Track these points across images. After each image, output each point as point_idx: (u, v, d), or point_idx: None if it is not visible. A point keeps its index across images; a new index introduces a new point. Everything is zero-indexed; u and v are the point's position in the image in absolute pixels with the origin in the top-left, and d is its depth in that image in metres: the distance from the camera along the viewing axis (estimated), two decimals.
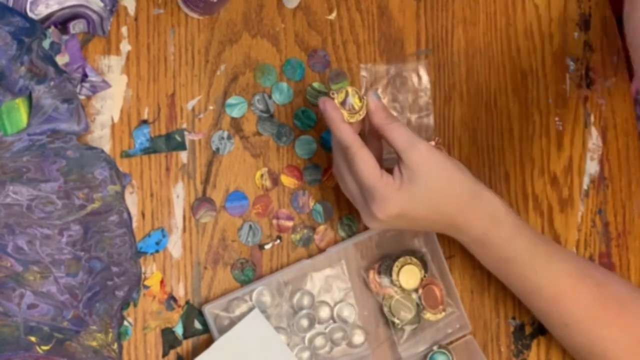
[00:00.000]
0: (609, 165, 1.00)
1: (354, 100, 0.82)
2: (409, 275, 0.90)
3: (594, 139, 1.00)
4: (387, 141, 0.82)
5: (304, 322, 0.88)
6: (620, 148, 1.00)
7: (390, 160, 0.88)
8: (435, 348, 0.90)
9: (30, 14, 0.84)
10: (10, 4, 0.83)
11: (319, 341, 0.88)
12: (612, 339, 0.85)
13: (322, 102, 0.81)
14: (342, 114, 0.82)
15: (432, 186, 0.80)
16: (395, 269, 0.89)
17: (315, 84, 0.93)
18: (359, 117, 0.82)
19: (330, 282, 0.90)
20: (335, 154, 0.85)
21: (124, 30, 0.88)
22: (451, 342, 0.92)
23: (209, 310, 0.86)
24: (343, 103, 0.82)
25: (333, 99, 0.82)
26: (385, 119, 0.81)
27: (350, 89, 0.82)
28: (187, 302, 0.87)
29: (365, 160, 0.80)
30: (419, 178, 0.80)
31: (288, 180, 0.91)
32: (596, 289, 0.85)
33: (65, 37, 0.86)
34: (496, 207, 0.83)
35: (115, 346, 0.82)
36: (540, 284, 0.85)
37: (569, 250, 0.88)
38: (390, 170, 0.82)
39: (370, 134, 0.85)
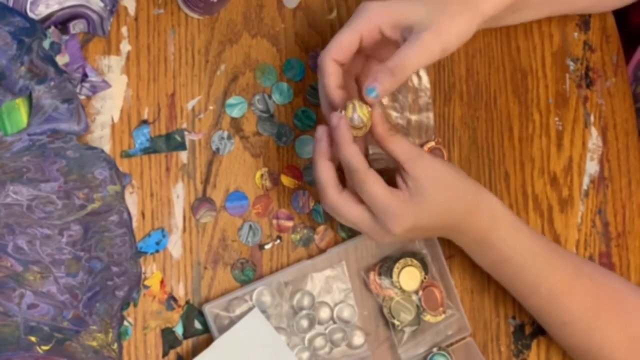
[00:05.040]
0: (609, 165, 1.00)
1: (361, 113, 0.80)
2: (410, 276, 0.90)
3: (594, 139, 1.00)
4: (388, 152, 0.82)
5: (304, 323, 0.88)
6: (620, 148, 1.00)
7: (379, 161, 0.88)
8: (435, 350, 0.90)
9: (30, 14, 0.84)
10: (10, 4, 0.83)
11: (319, 342, 0.88)
12: (609, 336, 0.86)
13: (336, 118, 0.79)
14: (352, 134, 0.80)
15: (439, 195, 0.81)
16: (395, 270, 0.89)
17: (315, 84, 0.93)
18: (365, 130, 0.81)
19: (330, 283, 0.90)
20: (325, 187, 0.82)
21: (124, 30, 0.88)
22: (451, 344, 0.92)
23: (209, 309, 0.86)
24: (350, 118, 0.80)
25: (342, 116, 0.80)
26: (389, 130, 0.81)
27: (356, 102, 0.80)
28: (187, 302, 0.87)
29: (375, 182, 0.80)
30: (426, 189, 0.80)
31: (288, 180, 0.91)
32: (593, 287, 0.86)
33: (65, 37, 0.86)
34: (494, 207, 0.84)
35: (115, 346, 0.82)
36: (537, 282, 0.85)
37: (566, 250, 0.89)
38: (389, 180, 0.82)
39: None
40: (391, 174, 0.83)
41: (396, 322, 0.90)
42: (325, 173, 0.81)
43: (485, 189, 0.84)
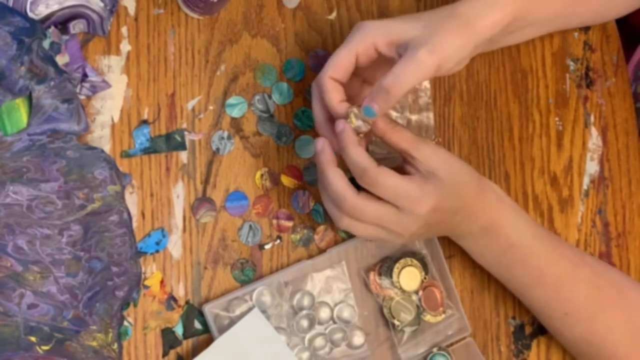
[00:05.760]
0: (609, 165, 1.00)
1: (364, 119, 0.80)
2: (410, 276, 0.90)
3: (594, 139, 1.00)
4: (392, 144, 0.82)
5: (304, 323, 0.88)
6: (620, 148, 1.00)
7: (389, 160, 0.88)
8: (435, 350, 0.90)
9: (30, 14, 0.84)
10: (10, 4, 0.83)
11: (319, 342, 0.88)
12: (611, 327, 0.86)
13: (341, 124, 0.80)
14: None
15: (450, 174, 0.81)
16: (395, 270, 0.89)
17: None
18: (362, 135, 0.82)
19: (330, 283, 0.90)
20: (343, 192, 0.81)
21: (124, 30, 0.88)
22: (451, 344, 0.92)
23: (209, 309, 0.86)
24: (356, 127, 0.81)
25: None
26: (390, 123, 0.82)
27: (356, 109, 0.80)
28: (187, 302, 0.87)
29: (389, 173, 0.80)
30: (438, 170, 0.81)
31: (288, 180, 0.91)
32: (594, 276, 0.87)
33: (65, 37, 0.86)
34: (498, 193, 0.86)
35: (115, 346, 0.82)
36: (542, 271, 0.86)
37: (563, 240, 0.91)
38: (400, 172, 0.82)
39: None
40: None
41: (396, 322, 0.90)
42: (339, 180, 0.81)
43: (485, 177, 0.86)
